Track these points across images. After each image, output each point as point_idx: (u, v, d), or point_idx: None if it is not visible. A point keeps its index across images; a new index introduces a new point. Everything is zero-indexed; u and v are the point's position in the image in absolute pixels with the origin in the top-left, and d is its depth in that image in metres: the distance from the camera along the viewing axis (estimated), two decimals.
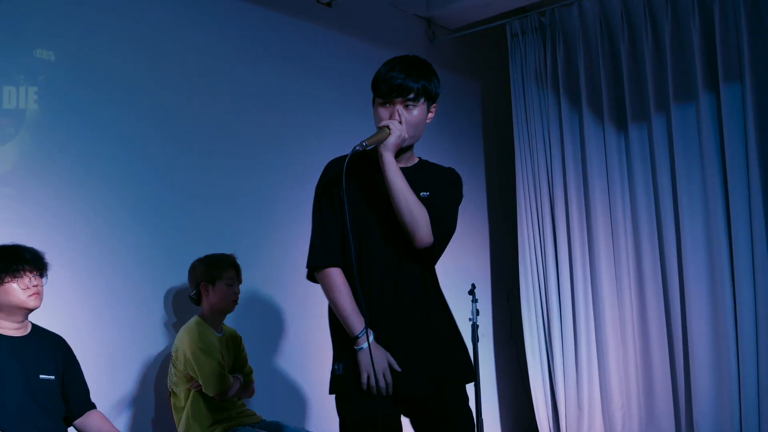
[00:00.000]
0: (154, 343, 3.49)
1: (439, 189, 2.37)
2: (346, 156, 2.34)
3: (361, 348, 2.24)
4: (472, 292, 4.55)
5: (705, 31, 4.29)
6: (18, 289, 2.61)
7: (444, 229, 2.31)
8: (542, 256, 4.93)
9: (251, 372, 3.44)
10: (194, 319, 3.31)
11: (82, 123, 3.31)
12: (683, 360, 4.35)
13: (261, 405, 3.60)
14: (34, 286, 2.64)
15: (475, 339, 4.49)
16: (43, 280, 2.71)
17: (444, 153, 5.12)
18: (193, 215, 3.67)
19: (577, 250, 4.75)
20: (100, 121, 3.37)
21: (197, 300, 3.34)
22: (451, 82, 5.36)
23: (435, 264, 2.42)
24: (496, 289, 5.41)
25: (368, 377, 2.22)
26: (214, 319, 3.32)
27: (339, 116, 4.46)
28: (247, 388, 3.36)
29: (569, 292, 4.79)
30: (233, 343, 3.39)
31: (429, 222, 2.24)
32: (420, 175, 2.37)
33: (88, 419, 2.80)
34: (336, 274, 2.31)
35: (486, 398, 4.80)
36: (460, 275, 5.00)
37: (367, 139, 2.25)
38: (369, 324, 2.26)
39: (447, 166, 2.50)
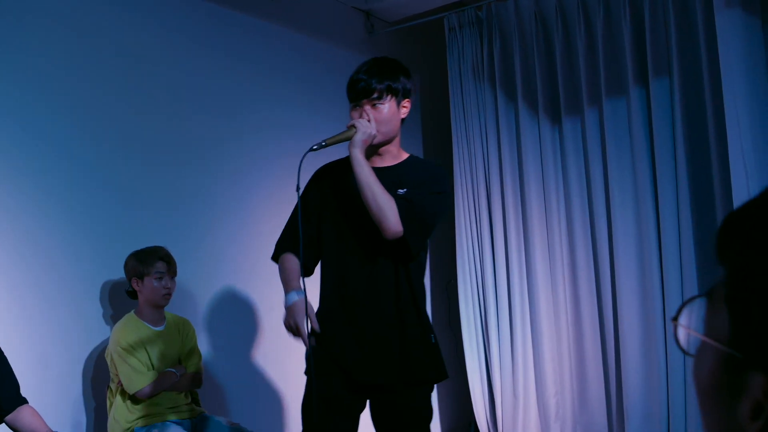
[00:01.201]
0: (87, 340, 3.43)
1: (418, 184, 2.45)
2: (333, 162, 2.63)
3: (288, 302, 2.43)
4: None
5: (635, 28, 4.39)
6: None
7: (415, 220, 2.37)
8: (479, 247, 5.00)
9: (197, 362, 3.39)
10: (127, 315, 3.30)
11: (8, 119, 3.21)
12: (614, 349, 4.46)
13: (203, 400, 3.56)
14: None
15: None
16: None
17: None
18: (126, 212, 3.61)
19: (513, 241, 4.82)
20: (28, 118, 3.28)
21: (133, 294, 3.31)
22: None
23: (413, 258, 2.47)
24: (435, 280, 5.46)
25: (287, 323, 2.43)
26: (148, 313, 3.29)
27: (278, 111, 4.43)
28: (191, 379, 3.31)
29: (505, 282, 4.86)
30: (178, 334, 3.36)
31: (397, 212, 2.32)
32: (402, 172, 2.48)
33: (18, 415, 2.74)
34: (285, 258, 2.55)
35: None
36: None
37: (329, 138, 2.40)
38: (341, 313, 2.46)
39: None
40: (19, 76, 3.27)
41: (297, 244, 2.45)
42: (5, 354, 2.78)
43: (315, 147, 2.35)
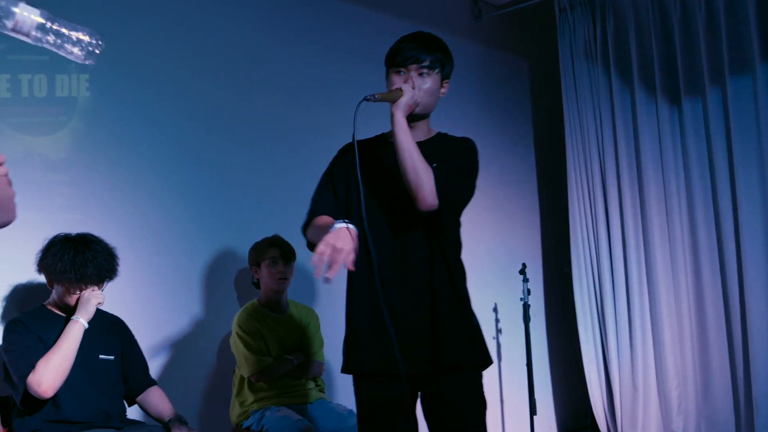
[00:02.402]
0: (214, 327, 3.55)
1: (449, 158, 2.32)
2: (360, 140, 2.39)
3: (333, 228, 2.10)
4: (522, 272, 4.52)
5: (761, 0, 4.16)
6: (72, 296, 2.66)
7: (449, 193, 2.22)
8: (594, 235, 4.86)
9: (318, 350, 3.43)
10: (250, 302, 3.40)
11: (130, 111, 3.36)
12: (741, 337, 4.24)
13: (328, 387, 3.62)
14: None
15: (526, 319, 4.47)
16: (104, 285, 2.74)
17: (491, 133, 5.09)
18: (239, 203, 3.71)
19: (630, 228, 4.66)
20: (148, 110, 3.42)
21: (258, 285, 3.42)
22: (497, 60, 5.30)
23: (446, 233, 2.33)
24: (548, 268, 5.36)
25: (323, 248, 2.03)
26: (269, 300, 3.37)
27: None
28: (311, 367, 3.36)
29: (622, 270, 4.71)
30: (299, 323, 3.42)
31: (434, 182, 2.19)
32: (433, 148, 2.34)
33: (148, 395, 2.86)
34: (317, 219, 2.32)
35: (539, 378, 4.77)
36: (512, 255, 4.97)
37: (379, 93, 2.25)
38: (372, 301, 2.24)
39: (463, 138, 2.45)
40: (141, 69, 3.41)
41: (330, 208, 2.34)
42: (137, 339, 2.91)
43: (369, 97, 2.22)
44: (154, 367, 3.01)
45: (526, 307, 4.48)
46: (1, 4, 1.24)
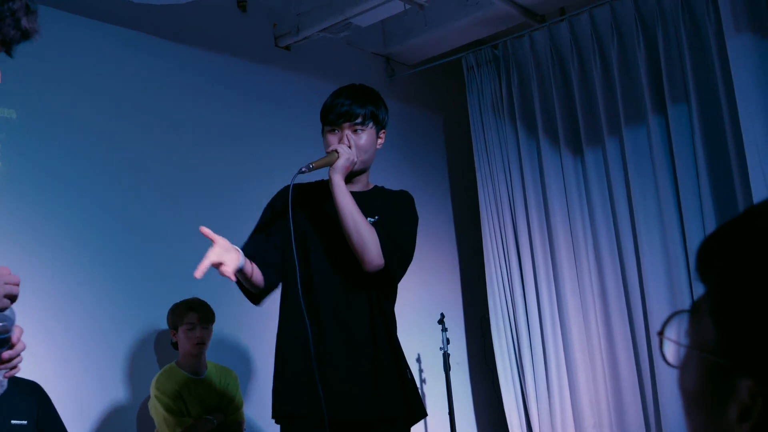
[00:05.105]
0: (132, 391, 3.53)
1: (389, 212, 2.35)
2: (302, 184, 2.45)
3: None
4: (441, 322, 4.62)
5: (650, 56, 4.45)
6: None
7: (396, 250, 2.27)
8: (509, 281, 5.01)
9: (238, 410, 3.44)
10: (168, 365, 3.40)
11: (44, 175, 3.38)
12: (650, 374, 4.42)
13: None
14: None
15: (446, 368, 4.56)
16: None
17: (410, 185, 5.18)
18: (158, 258, 3.72)
19: (542, 273, 4.84)
20: (61, 172, 3.46)
21: (176, 345, 3.41)
22: (413, 115, 5.48)
23: (393, 287, 2.37)
24: (469, 316, 5.48)
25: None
26: (187, 362, 3.38)
27: (302, 154, 4.52)
28: (230, 427, 3.36)
29: (536, 315, 4.86)
30: (218, 383, 3.43)
31: (378, 244, 2.22)
32: (372, 201, 2.38)
33: None
34: None
35: (463, 426, 4.84)
36: (433, 304, 5.06)
37: (314, 161, 2.27)
38: (310, 345, 2.22)
39: (401, 191, 2.49)
40: (53, 133, 3.45)
41: (256, 252, 2.35)
42: (54, 404, 2.88)
43: (303, 169, 2.23)
44: None
45: (446, 356, 4.57)
46: None
